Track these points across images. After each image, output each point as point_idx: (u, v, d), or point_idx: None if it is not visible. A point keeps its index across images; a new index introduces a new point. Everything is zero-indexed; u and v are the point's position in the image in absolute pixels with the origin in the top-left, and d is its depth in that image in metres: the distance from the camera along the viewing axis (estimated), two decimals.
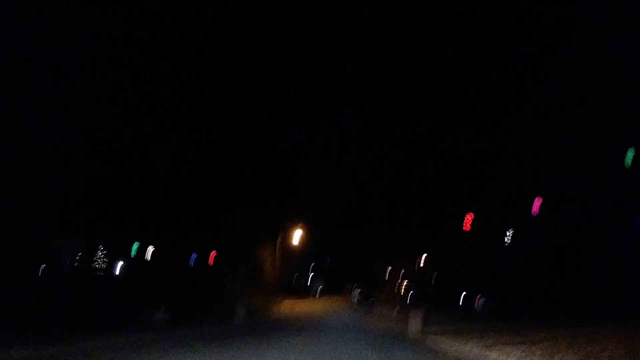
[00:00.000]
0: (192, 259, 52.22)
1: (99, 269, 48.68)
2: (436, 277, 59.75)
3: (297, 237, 63.25)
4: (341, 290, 79.64)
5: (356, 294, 56.46)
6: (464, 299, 48.58)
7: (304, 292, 72.84)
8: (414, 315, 27.35)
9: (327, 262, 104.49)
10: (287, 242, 64.32)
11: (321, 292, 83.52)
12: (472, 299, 46.90)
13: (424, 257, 65.70)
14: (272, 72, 43.72)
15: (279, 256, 61.58)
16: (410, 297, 59.14)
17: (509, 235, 35.40)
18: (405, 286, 66.41)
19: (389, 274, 71.51)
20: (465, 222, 32.65)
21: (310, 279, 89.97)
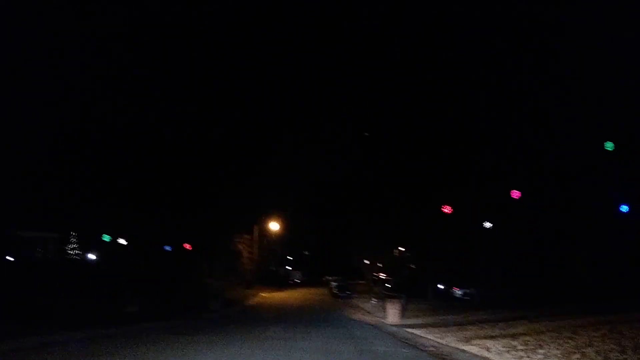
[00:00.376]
0: (167, 250, 51.10)
1: (71, 260, 47.58)
2: (414, 268, 59.42)
3: (274, 228, 62.37)
4: (320, 281, 79.28)
5: (334, 285, 55.99)
6: (443, 289, 48.13)
7: (282, 283, 72.12)
8: (392, 306, 26.89)
9: (306, 254, 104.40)
10: (265, 233, 63.57)
11: (300, 282, 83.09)
12: (451, 289, 46.48)
13: (402, 248, 65.49)
14: (248, 65, 42.86)
15: (256, 247, 60.80)
16: (388, 287, 58.77)
17: (489, 226, 34.89)
18: (383, 277, 66.11)
19: (367, 265, 71.12)
20: (444, 211, 32.04)
21: (288, 269, 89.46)
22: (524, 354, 12.63)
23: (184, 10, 35.77)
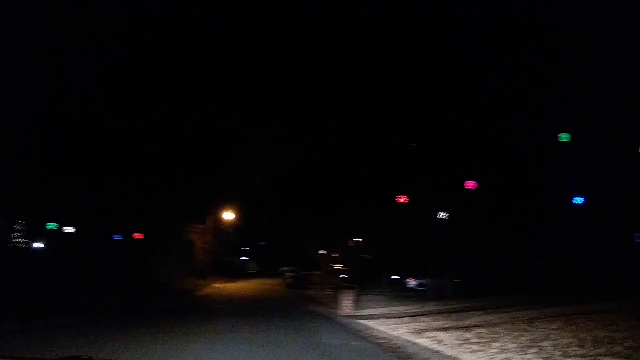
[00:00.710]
0: (117, 240, 49.54)
1: (16, 248, 45.79)
2: (370, 259, 59.20)
3: (229, 217, 61.36)
4: (276, 271, 78.57)
5: (289, 276, 55.49)
6: (398, 279, 48.00)
7: (237, 274, 71.13)
8: (345, 297, 26.46)
9: (262, 244, 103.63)
10: (220, 223, 62.60)
11: (255, 273, 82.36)
12: (406, 279, 46.33)
13: (358, 239, 65.22)
14: (205, 56, 41.71)
15: (210, 237, 59.79)
16: (343, 278, 58.49)
17: (444, 216, 34.69)
18: (339, 267, 65.85)
19: (323, 255, 70.72)
20: (398, 200, 31.69)
21: (244, 260, 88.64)
22: (478, 348, 12.02)
23: None
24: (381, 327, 17.91)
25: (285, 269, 65.78)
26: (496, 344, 12.23)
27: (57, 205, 42.32)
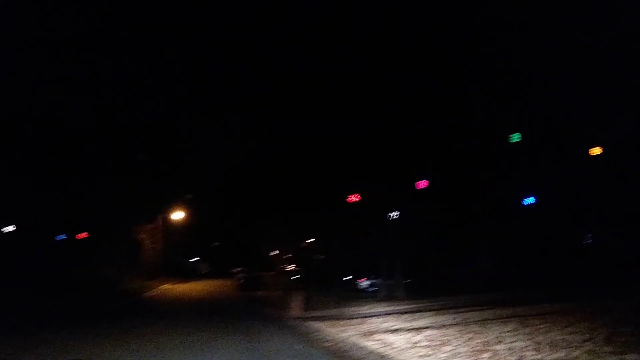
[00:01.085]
0: (60, 239, 47.63)
1: None
2: (322, 259, 58.65)
3: (179, 217, 59.85)
4: (228, 272, 77.36)
5: (240, 276, 54.47)
6: (350, 280, 47.53)
7: (188, 275, 69.64)
8: (295, 298, 25.94)
9: (216, 245, 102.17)
10: (170, 223, 61.07)
11: (206, 274, 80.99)
12: (358, 280, 45.87)
13: (311, 239, 64.71)
14: (156, 49, 40.45)
15: (159, 237, 58.23)
16: (295, 279, 57.86)
17: (396, 215, 34.26)
18: (291, 268, 65.24)
19: (276, 256, 69.96)
20: (350, 200, 31.12)
21: (195, 261, 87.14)
22: (428, 352, 11.25)
23: None
24: (329, 329, 17.12)
25: (236, 269, 64.67)
26: (447, 348, 11.47)
27: None
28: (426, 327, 15.13)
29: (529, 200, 37.35)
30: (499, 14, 31.17)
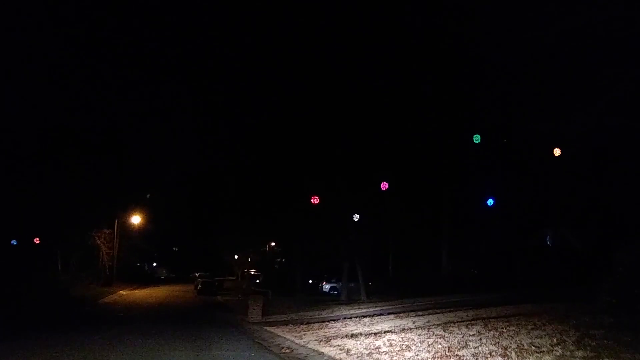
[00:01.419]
0: (12, 244, 45.88)
1: None
2: (284, 263, 57.97)
3: (137, 222, 58.37)
4: (189, 277, 76.22)
5: (200, 281, 53.53)
6: (312, 284, 47.11)
7: (147, 280, 68.20)
8: (254, 303, 25.24)
9: (175, 250, 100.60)
10: (128, 228, 59.48)
11: (166, 280, 79.60)
12: (320, 283, 45.47)
13: (273, 243, 63.94)
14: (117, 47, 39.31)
15: (117, 242, 56.64)
16: (256, 283, 57.10)
17: (357, 217, 33.73)
18: (253, 273, 64.40)
19: (237, 260, 68.93)
20: (312, 201, 30.46)
21: (154, 266, 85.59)
22: (388, 358, 10.65)
23: None
24: (288, 334, 16.48)
25: (197, 274, 63.59)
26: (408, 354, 10.83)
27: None
28: (387, 332, 14.59)
29: (489, 201, 37.22)
30: (461, 14, 30.97)
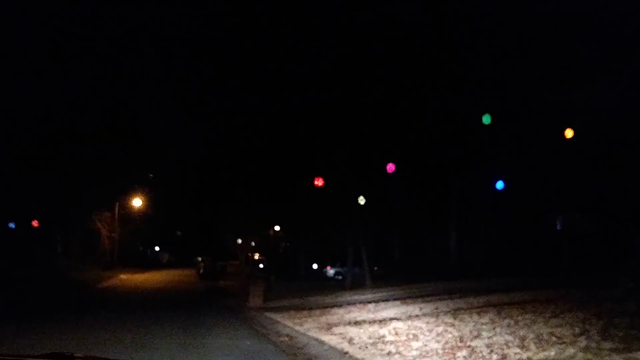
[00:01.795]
0: (10, 228, 45.08)
1: None
2: (288, 247, 57.21)
3: (138, 205, 57.54)
4: (191, 262, 75.65)
5: (202, 266, 52.88)
6: (317, 269, 46.39)
7: (148, 264, 67.58)
8: (255, 288, 24.56)
9: (179, 234, 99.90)
10: (129, 211, 58.78)
11: (168, 264, 79.01)
12: (324, 268, 44.76)
13: (277, 227, 63.09)
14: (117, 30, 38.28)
15: (117, 225, 55.97)
16: (260, 268, 56.49)
17: (363, 202, 32.80)
18: (256, 257, 63.74)
19: (241, 244, 68.20)
20: (316, 184, 29.52)
21: (156, 250, 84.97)
22: (394, 349, 9.63)
23: None
24: (288, 321, 15.60)
25: (199, 259, 62.91)
26: (416, 344, 9.80)
27: None
28: (392, 319, 13.64)
29: (499, 184, 36.23)
30: None
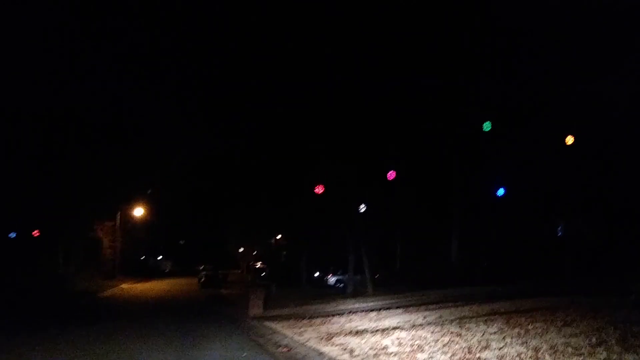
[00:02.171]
0: (11, 237, 44.90)
1: None
2: (290, 256, 56.94)
3: (140, 214, 57.36)
4: (193, 270, 75.43)
5: (203, 274, 52.61)
6: (318, 276, 46.16)
7: (150, 274, 67.38)
8: (255, 296, 24.39)
9: (181, 243, 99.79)
10: (131, 220, 58.70)
11: (170, 273, 78.75)
12: (326, 276, 44.52)
13: (279, 235, 62.90)
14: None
15: (119, 235, 55.83)
16: (262, 276, 56.27)
17: (363, 208, 32.63)
18: (258, 266, 63.51)
19: (243, 253, 68.00)
20: (316, 191, 29.36)
21: (158, 259, 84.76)
22: None
23: None
24: (287, 330, 15.33)
25: (200, 267, 62.70)
26: (422, 356, 9.40)
27: None
28: (395, 328, 13.34)
29: (500, 191, 36.04)
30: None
